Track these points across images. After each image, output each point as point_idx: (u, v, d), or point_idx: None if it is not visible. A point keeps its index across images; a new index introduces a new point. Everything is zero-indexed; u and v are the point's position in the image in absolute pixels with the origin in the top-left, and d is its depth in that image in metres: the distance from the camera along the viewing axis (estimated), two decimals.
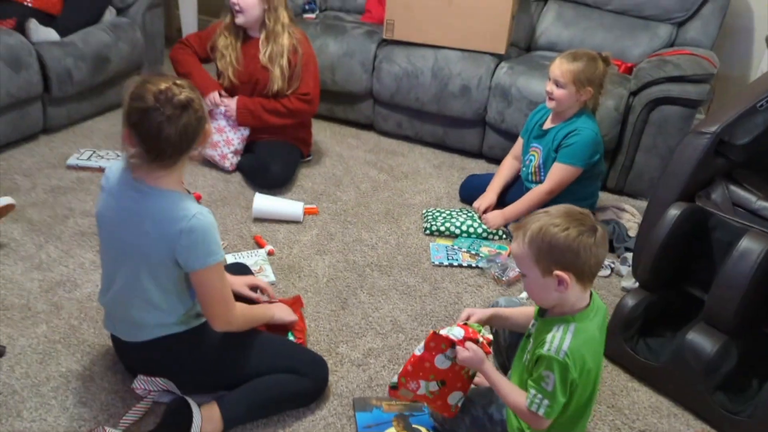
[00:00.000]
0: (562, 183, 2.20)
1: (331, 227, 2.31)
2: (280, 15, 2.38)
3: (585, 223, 1.23)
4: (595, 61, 2.09)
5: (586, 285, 1.26)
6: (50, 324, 1.74)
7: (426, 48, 2.83)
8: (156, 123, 1.24)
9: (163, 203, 1.30)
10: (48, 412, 1.47)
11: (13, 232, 2.10)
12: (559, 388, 1.22)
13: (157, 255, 1.31)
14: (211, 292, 1.36)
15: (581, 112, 2.19)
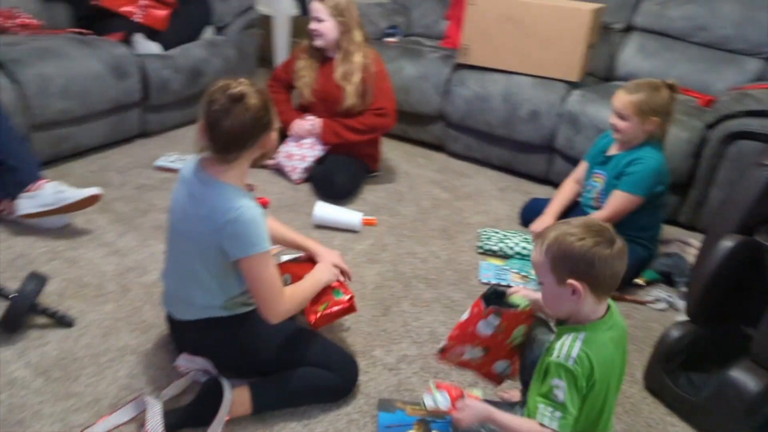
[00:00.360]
0: (620, 211, 2.14)
1: (386, 239, 2.38)
2: (354, 36, 2.52)
3: (603, 234, 1.23)
4: (658, 89, 2.05)
5: (600, 297, 1.25)
6: (117, 303, 1.91)
7: (498, 73, 2.87)
8: (214, 114, 1.38)
9: (219, 194, 1.42)
10: (101, 380, 1.62)
11: (99, 220, 2.32)
12: (569, 398, 1.21)
13: (207, 240, 1.43)
14: (255, 280, 1.45)
15: (647, 141, 2.14)
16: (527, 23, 2.75)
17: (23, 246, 2.13)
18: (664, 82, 2.08)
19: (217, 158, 1.44)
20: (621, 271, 1.25)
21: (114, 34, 2.88)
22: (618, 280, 1.26)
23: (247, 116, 1.38)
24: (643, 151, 2.13)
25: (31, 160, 2.26)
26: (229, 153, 1.42)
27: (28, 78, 2.42)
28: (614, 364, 1.27)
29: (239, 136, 1.40)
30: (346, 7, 2.51)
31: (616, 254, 1.22)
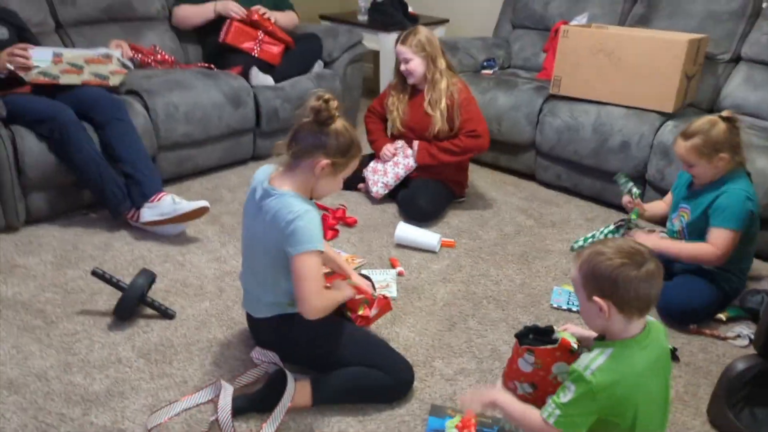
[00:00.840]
0: (728, 248, 2.04)
1: (463, 260, 2.47)
2: (438, 65, 2.67)
3: (633, 256, 1.26)
4: (714, 126, 2.00)
5: (631, 317, 1.28)
6: (212, 302, 2.15)
7: (589, 103, 2.90)
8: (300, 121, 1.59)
9: (282, 201, 1.60)
10: (190, 365, 1.85)
11: (208, 231, 2.61)
12: (573, 402, 1.26)
13: (273, 243, 1.61)
14: (299, 277, 1.57)
15: (733, 172, 2.08)
16: (620, 55, 2.77)
17: (143, 249, 2.46)
18: (719, 116, 2.03)
19: (283, 169, 1.63)
20: (649, 293, 1.27)
21: (234, 68, 3.23)
22: (647, 302, 1.29)
23: (314, 128, 1.57)
24: (727, 184, 2.07)
25: (155, 175, 2.60)
26: (295, 155, 1.60)
27: (158, 106, 2.80)
28: (644, 384, 1.29)
29: (300, 138, 1.59)
30: (427, 41, 2.67)
31: (643, 276, 1.25)
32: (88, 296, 2.15)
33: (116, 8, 3.20)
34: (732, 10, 2.99)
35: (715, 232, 2.05)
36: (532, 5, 3.60)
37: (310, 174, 1.63)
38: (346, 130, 1.60)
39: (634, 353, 1.29)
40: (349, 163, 1.64)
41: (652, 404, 1.32)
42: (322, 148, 1.59)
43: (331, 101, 1.57)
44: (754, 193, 2.09)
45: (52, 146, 2.45)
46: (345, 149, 1.60)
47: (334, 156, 1.60)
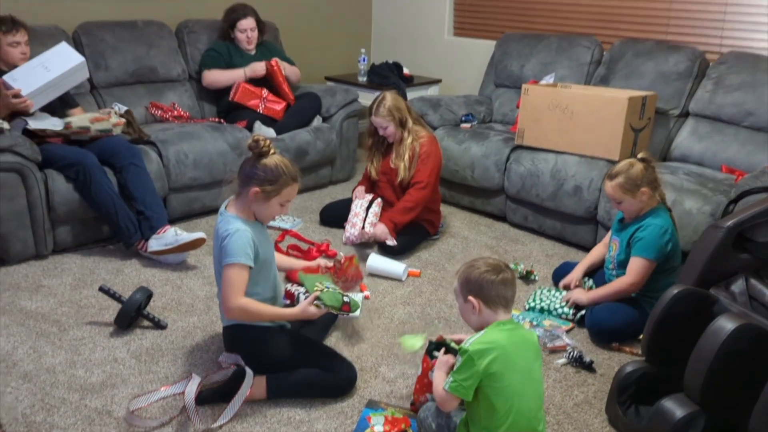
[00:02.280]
0: (640, 275, 2.36)
1: (425, 287, 2.79)
2: (407, 125, 3.07)
3: (495, 268, 1.68)
4: (632, 166, 2.33)
5: (496, 310, 1.66)
6: (200, 317, 2.52)
7: (549, 152, 3.24)
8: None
9: (224, 220, 1.98)
10: (173, 365, 2.20)
11: (206, 260, 3.00)
12: (459, 369, 1.62)
13: (220, 258, 1.98)
14: (224, 281, 1.93)
15: (652, 210, 2.38)
16: (572, 110, 3.12)
17: (148, 274, 2.85)
18: (636, 158, 2.36)
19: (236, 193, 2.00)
20: (506, 293, 1.68)
21: (240, 122, 3.69)
22: (506, 300, 1.68)
23: (247, 162, 1.95)
24: (649, 218, 2.38)
25: (162, 211, 3.02)
26: (238, 184, 1.98)
27: (170, 153, 3.25)
28: (510, 355, 1.63)
29: (239, 170, 1.97)
30: (395, 107, 3.06)
31: (500, 280, 1.66)
32: (97, 311, 2.54)
33: (142, 72, 3.71)
34: (680, 71, 3.33)
35: (632, 261, 2.36)
36: (511, 67, 4.00)
37: (248, 200, 1.99)
38: (275, 164, 1.95)
39: (500, 330, 1.65)
40: (280, 190, 1.97)
41: (522, 378, 1.64)
42: (253, 178, 1.95)
43: (261, 140, 1.94)
44: (672, 227, 2.38)
45: (78, 187, 2.90)
46: (273, 179, 1.94)
47: (263, 185, 1.94)
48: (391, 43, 5.10)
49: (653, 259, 2.34)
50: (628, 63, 3.51)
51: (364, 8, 5.15)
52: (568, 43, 3.81)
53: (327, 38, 4.91)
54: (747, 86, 3.08)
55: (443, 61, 4.77)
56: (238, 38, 3.85)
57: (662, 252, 2.34)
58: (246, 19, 3.82)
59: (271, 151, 1.97)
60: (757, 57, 3.16)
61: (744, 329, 1.64)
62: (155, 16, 3.88)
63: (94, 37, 3.57)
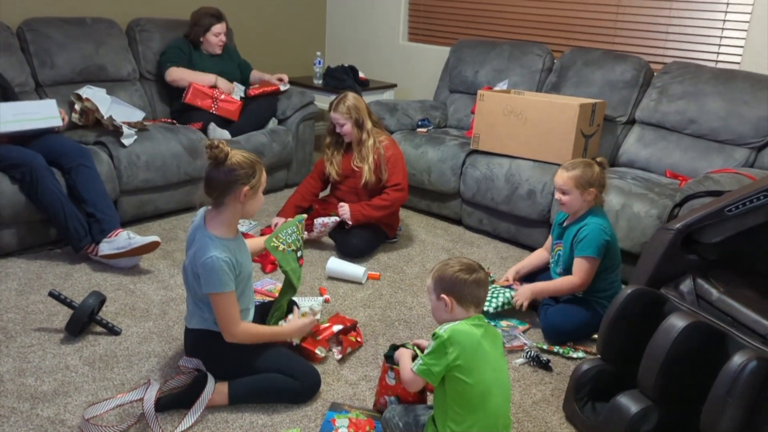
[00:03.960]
0: (587, 274, 2.43)
1: (384, 290, 2.81)
2: (365, 126, 3.08)
3: (469, 267, 1.70)
4: (591, 166, 2.41)
5: (468, 309, 1.69)
6: (155, 322, 2.46)
7: (503, 157, 3.30)
8: (207, 168, 1.92)
9: (202, 243, 1.93)
10: (128, 372, 2.14)
11: (160, 265, 2.93)
12: (431, 353, 1.65)
13: (194, 272, 1.95)
14: (216, 311, 1.93)
15: (590, 210, 2.47)
16: (526, 116, 3.20)
17: (99, 279, 2.77)
18: (594, 159, 2.44)
19: (211, 208, 1.96)
20: (479, 293, 1.70)
21: (195, 124, 3.63)
22: (478, 299, 1.71)
23: (221, 169, 1.89)
24: (587, 218, 2.45)
25: (114, 215, 2.94)
26: (211, 197, 1.94)
27: (122, 154, 3.16)
28: (481, 346, 1.67)
29: (215, 184, 1.91)
30: (354, 106, 3.07)
31: (473, 280, 1.68)
32: (46, 317, 2.45)
33: (91, 71, 3.60)
34: (626, 80, 3.46)
35: (576, 262, 2.43)
36: (465, 73, 4.07)
37: (236, 204, 1.95)
38: (243, 158, 1.92)
39: (473, 325, 1.69)
40: (260, 178, 1.96)
41: (492, 375, 1.67)
42: (237, 181, 1.92)
43: (217, 145, 1.89)
44: (609, 226, 2.46)
45: (24, 188, 2.78)
46: (252, 171, 1.93)
47: (249, 180, 1.92)
48: (346, 47, 5.11)
49: (596, 256, 2.42)
50: (577, 71, 3.62)
51: (319, 12, 5.14)
52: (521, 50, 3.90)
53: (282, 41, 4.88)
54: (689, 95, 3.22)
55: (398, 65, 4.81)
56: (209, 41, 3.80)
57: (603, 249, 2.42)
58: (221, 23, 3.81)
59: (229, 150, 1.94)
60: (698, 67, 3.32)
61: (694, 327, 1.72)
62: (104, 13, 3.78)
63: (40, 34, 3.45)
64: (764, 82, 3.09)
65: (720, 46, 3.45)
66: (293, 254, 2.20)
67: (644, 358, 1.78)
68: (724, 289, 1.91)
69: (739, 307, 1.83)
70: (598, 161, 2.44)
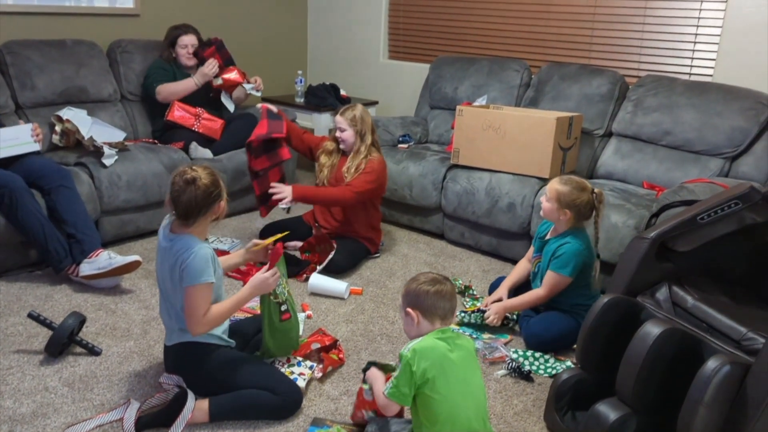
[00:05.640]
0: (554, 288, 2.47)
1: (366, 305, 2.81)
2: (365, 140, 3.13)
3: (433, 281, 1.73)
4: (582, 191, 2.41)
5: (433, 322, 1.71)
6: (136, 341, 2.44)
7: (483, 171, 3.34)
8: (175, 192, 1.93)
9: (180, 242, 1.95)
10: (108, 392, 2.13)
11: (141, 284, 2.92)
12: (399, 375, 1.66)
13: (176, 279, 1.95)
14: (188, 306, 1.92)
15: (573, 229, 2.48)
16: (505, 130, 3.24)
17: (80, 299, 2.75)
18: (593, 188, 2.43)
19: (180, 223, 1.97)
20: (443, 305, 1.72)
21: (176, 143, 3.64)
22: (443, 311, 1.73)
23: (198, 193, 1.91)
24: (568, 237, 2.47)
25: (95, 235, 2.93)
26: (188, 220, 1.95)
27: (102, 175, 3.16)
28: (447, 362, 1.68)
29: (194, 208, 1.93)
30: (360, 118, 3.13)
31: (435, 292, 1.71)
32: (25, 338, 2.43)
33: (72, 92, 3.60)
34: (602, 94, 3.52)
35: (548, 275, 2.47)
36: (444, 89, 4.12)
37: (210, 218, 1.99)
38: (208, 173, 1.94)
39: (437, 338, 1.70)
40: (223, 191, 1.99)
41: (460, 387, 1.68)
42: (217, 198, 1.96)
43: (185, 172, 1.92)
44: (587, 249, 2.47)
45: (3, 211, 2.77)
46: (219, 185, 1.97)
47: (221, 195, 1.98)
48: (327, 65, 5.15)
49: (568, 275, 2.45)
50: (554, 86, 3.68)
51: (300, 30, 5.19)
52: (499, 66, 3.96)
53: (264, 60, 4.92)
54: (664, 107, 3.28)
55: (379, 83, 4.85)
56: (178, 54, 3.82)
57: (577, 269, 2.45)
58: (187, 35, 3.83)
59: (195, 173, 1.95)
60: (672, 80, 3.38)
61: (669, 333, 1.75)
62: (85, 35, 3.79)
63: (20, 56, 3.45)
64: (736, 94, 3.16)
65: (693, 59, 3.52)
66: (277, 307, 2.14)
67: (621, 365, 1.80)
68: (699, 296, 1.94)
69: (714, 314, 1.86)
70: (595, 192, 2.42)
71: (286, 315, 2.15)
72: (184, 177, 1.92)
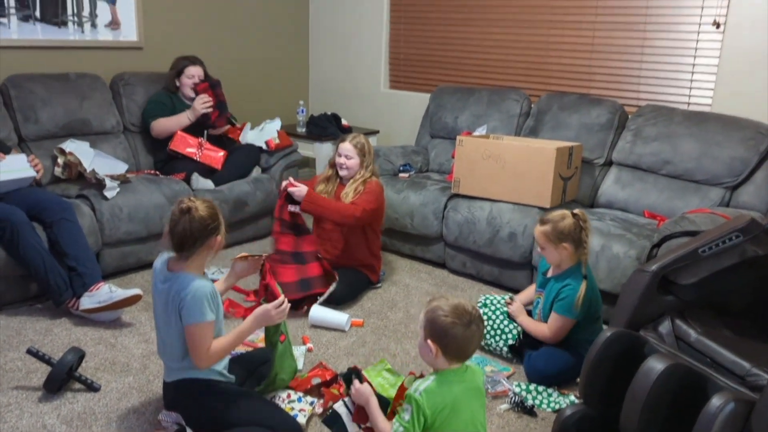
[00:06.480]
0: (559, 331, 2.45)
1: (368, 337, 2.79)
2: (368, 167, 3.16)
3: (462, 318, 1.67)
4: (563, 218, 2.39)
5: (451, 360, 1.67)
6: (136, 377, 2.43)
7: (484, 200, 3.34)
8: (172, 222, 1.93)
9: (179, 281, 1.93)
10: (108, 429, 2.11)
11: (141, 317, 2.91)
12: (412, 419, 1.62)
13: (175, 317, 1.94)
14: (192, 343, 1.92)
15: (575, 267, 2.45)
16: (505, 160, 3.25)
17: (80, 333, 2.74)
18: (571, 212, 2.42)
19: (176, 257, 1.97)
20: (468, 348, 1.69)
21: (178, 174, 3.65)
22: (466, 353, 1.70)
23: (193, 223, 1.91)
24: (570, 277, 2.44)
25: (96, 268, 2.93)
26: (183, 251, 1.94)
27: (104, 207, 3.17)
28: (460, 403, 1.65)
29: (188, 237, 1.92)
30: (366, 146, 3.18)
31: (468, 335, 1.66)
32: (24, 374, 2.41)
33: (74, 125, 3.63)
34: (602, 123, 3.54)
35: (552, 316, 2.45)
36: (445, 119, 4.15)
37: (207, 253, 1.98)
38: (207, 209, 1.94)
39: (452, 380, 1.67)
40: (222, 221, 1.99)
41: (468, 422, 1.66)
42: (214, 232, 1.95)
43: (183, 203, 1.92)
44: (591, 287, 2.44)
45: (4, 244, 2.77)
46: (219, 220, 1.96)
47: (219, 229, 1.97)
48: (328, 95, 5.20)
49: (573, 318, 2.43)
50: (554, 115, 3.70)
51: (302, 61, 5.24)
52: (499, 96, 3.99)
53: (266, 90, 4.96)
54: (663, 137, 3.29)
55: (380, 112, 4.89)
56: (183, 84, 3.85)
57: (581, 311, 2.42)
58: (195, 66, 3.87)
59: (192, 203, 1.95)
60: (671, 110, 3.40)
61: (673, 369, 1.73)
62: (89, 68, 3.84)
63: (24, 90, 3.48)
64: (736, 123, 3.17)
65: (691, 88, 3.54)
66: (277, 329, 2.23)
67: (625, 401, 1.78)
68: (702, 330, 1.93)
69: (718, 348, 1.84)
70: (574, 213, 2.40)
71: (282, 336, 2.21)
72: (181, 206, 1.92)
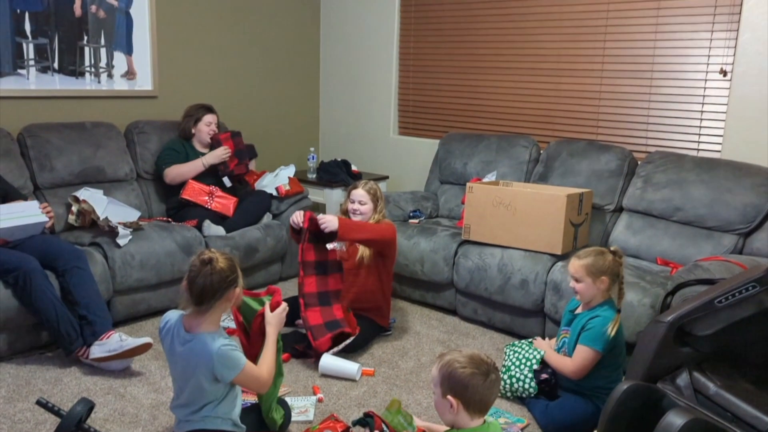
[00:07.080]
0: (583, 363, 2.41)
1: (379, 387, 2.76)
2: (380, 212, 3.22)
3: (481, 367, 1.64)
4: (603, 254, 2.42)
5: (473, 415, 1.64)
6: (144, 428, 2.40)
7: (495, 247, 3.33)
8: (192, 274, 1.94)
9: (201, 345, 1.94)
10: None
11: (151, 365, 2.89)
12: None
13: (202, 377, 1.94)
14: (247, 385, 2.03)
15: (606, 302, 2.46)
16: (515, 207, 3.26)
17: (89, 383, 2.72)
18: (609, 249, 2.45)
19: (194, 311, 1.97)
20: (489, 398, 1.66)
21: (189, 222, 3.68)
22: (487, 405, 1.66)
23: (214, 275, 1.93)
24: (600, 309, 2.45)
25: (107, 316, 2.92)
26: (202, 305, 1.95)
27: (116, 255, 3.19)
28: None
29: (208, 291, 1.93)
30: (378, 191, 3.25)
31: (488, 385, 1.63)
32: (33, 426, 2.39)
33: (88, 173, 3.68)
34: (611, 170, 3.55)
35: (578, 348, 2.42)
36: (454, 165, 4.18)
37: (225, 305, 1.99)
38: (226, 258, 1.97)
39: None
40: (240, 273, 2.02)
41: None
42: (233, 284, 1.96)
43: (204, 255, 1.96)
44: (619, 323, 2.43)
45: (17, 293, 2.78)
46: (236, 272, 1.99)
47: (237, 281, 1.99)
48: (338, 141, 5.26)
49: (599, 349, 2.40)
50: (563, 162, 3.72)
51: (313, 109, 5.33)
52: (508, 142, 4.02)
53: (277, 137, 5.03)
54: (673, 183, 3.30)
55: (390, 158, 4.94)
56: (200, 131, 3.92)
57: (609, 345, 2.40)
58: (211, 114, 3.96)
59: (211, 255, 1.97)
60: (681, 156, 3.41)
61: (693, 424, 1.69)
62: (105, 117, 3.91)
63: (40, 139, 3.55)
64: (746, 170, 3.17)
65: (700, 134, 3.56)
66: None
67: None
68: (722, 383, 1.90)
69: (738, 402, 1.81)
70: (612, 250, 2.44)
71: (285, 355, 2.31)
72: (201, 257, 1.95)
